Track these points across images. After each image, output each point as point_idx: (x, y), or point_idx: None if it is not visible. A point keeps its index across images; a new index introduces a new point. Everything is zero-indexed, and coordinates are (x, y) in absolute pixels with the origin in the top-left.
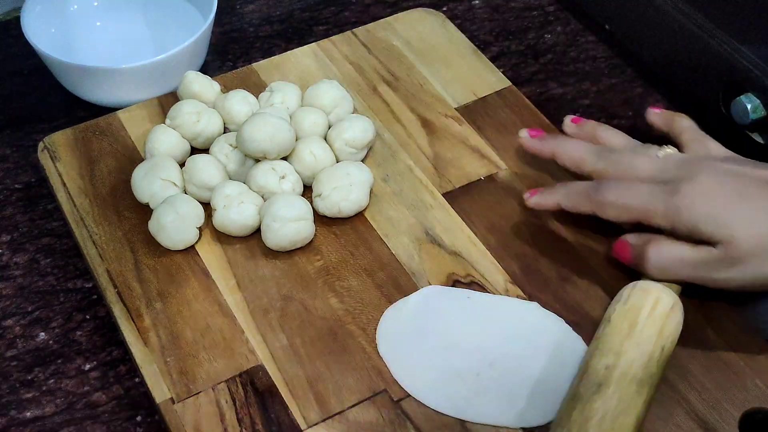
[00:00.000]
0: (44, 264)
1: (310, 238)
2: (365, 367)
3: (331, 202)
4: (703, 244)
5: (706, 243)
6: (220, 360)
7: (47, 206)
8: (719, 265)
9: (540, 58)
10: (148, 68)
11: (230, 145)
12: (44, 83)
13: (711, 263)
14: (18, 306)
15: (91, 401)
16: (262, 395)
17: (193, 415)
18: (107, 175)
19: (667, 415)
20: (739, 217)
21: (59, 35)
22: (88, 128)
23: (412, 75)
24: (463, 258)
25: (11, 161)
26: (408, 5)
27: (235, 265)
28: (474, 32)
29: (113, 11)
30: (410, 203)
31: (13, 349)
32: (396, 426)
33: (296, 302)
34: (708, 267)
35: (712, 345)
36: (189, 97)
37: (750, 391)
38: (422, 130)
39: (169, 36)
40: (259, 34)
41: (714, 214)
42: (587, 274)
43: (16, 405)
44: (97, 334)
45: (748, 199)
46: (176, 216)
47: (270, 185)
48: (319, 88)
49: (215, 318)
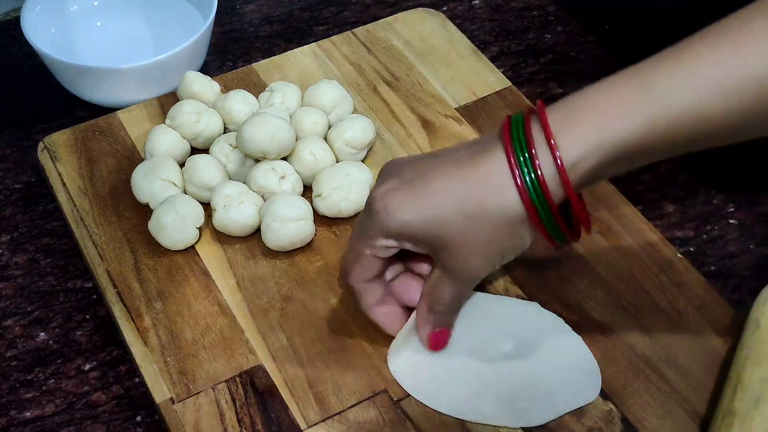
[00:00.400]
0: (44, 264)
1: (310, 238)
2: (365, 367)
3: (331, 202)
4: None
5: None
6: (220, 360)
7: (47, 206)
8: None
9: (540, 58)
10: (148, 68)
11: (230, 145)
12: (44, 83)
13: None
14: (18, 306)
15: (91, 401)
16: (262, 395)
17: (193, 415)
18: (107, 175)
19: (667, 415)
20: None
21: (59, 35)
22: (88, 128)
23: (412, 75)
24: None
25: (11, 161)
26: (408, 5)
27: (235, 265)
28: (474, 32)
29: (113, 11)
30: None
31: (13, 349)
32: (396, 426)
33: (296, 302)
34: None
35: (712, 345)
36: (189, 97)
37: None
38: (422, 130)
39: (169, 36)
40: (259, 34)
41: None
42: (587, 274)
43: (16, 405)
44: (97, 334)
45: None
46: (176, 216)
47: (270, 185)
48: (319, 88)
49: (215, 318)
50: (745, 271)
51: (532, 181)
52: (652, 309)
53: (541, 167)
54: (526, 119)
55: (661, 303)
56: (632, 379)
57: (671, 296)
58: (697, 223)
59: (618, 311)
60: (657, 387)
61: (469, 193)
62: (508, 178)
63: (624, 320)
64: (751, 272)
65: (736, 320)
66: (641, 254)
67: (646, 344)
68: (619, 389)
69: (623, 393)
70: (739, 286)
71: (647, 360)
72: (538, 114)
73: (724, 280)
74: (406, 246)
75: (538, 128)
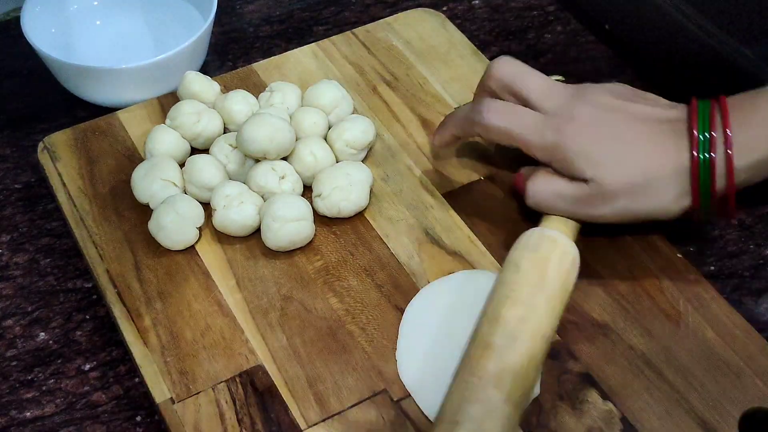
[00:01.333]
0: (44, 264)
1: (309, 238)
2: (365, 367)
3: (331, 202)
4: (579, 181)
5: (581, 180)
6: (220, 360)
7: (47, 206)
8: (591, 201)
9: (540, 58)
10: (148, 68)
11: (230, 145)
12: (44, 83)
13: (584, 199)
14: (18, 306)
15: (91, 401)
16: (262, 395)
17: (193, 415)
18: (107, 175)
19: (666, 415)
20: (607, 157)
21: (59, 35)
22: (88, 128)
23: (412, 75)
24: (463, 258)
25: (11, 161)
26: (408, 5)
27: (235, 265)
28: (474, 32)
29: (113, 11)
30: (410, 203)
31: (13, 349)
32: (396, 426)
33: (296, 302)
34: (581, 202)
35: (712, 345)
36: (189, 97)
37: (750, 391)
38: (422, 130)
39: (169, 36)
40: (259, 34)
41: (585, 152)
42: (587, 274)
43: (16, 405)
44: (96, 334)
45: (617, 139)
46: (176, 216)
47: (270, 185)
48: (319, 89)
49: (215, 318)
50: (745, 271)
51: (705, 160)
52: (652, 309)
53: (715, 150)
54: (711, 106)
55: (661, 303)
56: (632, 379)
57: (671, 296)
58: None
59: (618, 311)
60: (657, 387)
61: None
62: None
63: (624, 320)
64: (751, 272)
65: (736, 321)
66: (641, 254)
67: (646, 344)
68: (619, 389)
69: (623, 393)
70: (739, 286)
71: (647, 360)
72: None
73: (724, 280)
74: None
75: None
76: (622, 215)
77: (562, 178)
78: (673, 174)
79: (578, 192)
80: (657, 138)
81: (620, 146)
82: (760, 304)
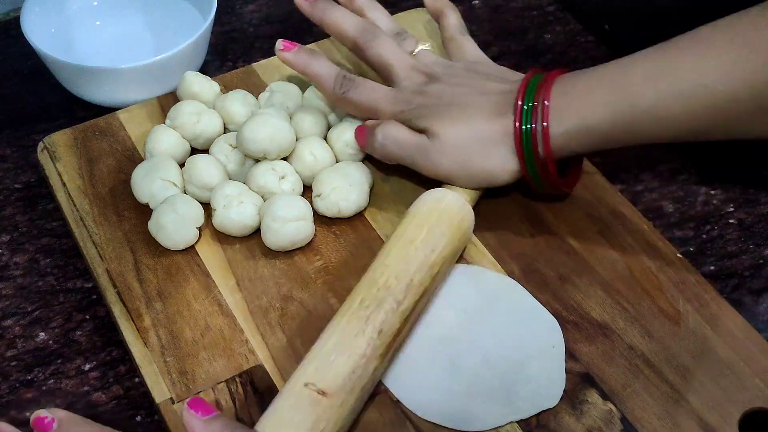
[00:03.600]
0: (44, 264)
1: (309, 238)
2: None
3: (330, 202)
4: (420, 133)
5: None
6: (219, 360)
7: (47, 206)
8: (430, 151)
9: (540, 58)
10: (148, 68)
11: (230, 145)
12: (44, 83)
13: (423, 148)
14: (18, 306)
15: (91, 401)
16: (261, 395)
17: None
18: (107, 175)
19: (666, 415)
20: (445, 115)
21: (59, 35)
22: (87, 128)
23: None
24: (463, 258)
25: (11, 161)
26: (408, 5)
27: (235, 265)
28: (474, 32)
29: (113, 11)
30: (410, 203)
31: (13, 349)
32: (396, 426)
33: (296, 302)
34: (421, 152)
35: (712, 345)
36: (189, 97)
37: (750, 391)
38: None
39: (169, 36)
40: (259, 34)
41: (428, 109)
42: (587, 274)
43: (16, 405)
44: (96, 334)
45: (457, 105)
46: (176, 216)
47: (270, 185)
48: None
49: (215, 318)
50: (745, 271)
51: (526, 128)
52: (652, 309)
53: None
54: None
55: (661, 303)
56: (632, 379)
57: (671, 296)
58: (697, 222)
59: (618, 311)
60: (657, 387)
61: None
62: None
63: (624, 320)
64: (751, 272)
65: (736, 321)
66: (641, 254)
67: (646, 344)
68: (619, 389)
69: (623, 393)
70: (739, 286)
71: (647, 360)
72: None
73: (724, 280)
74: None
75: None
76: (458, 171)
77: (407, 129)
78: (501, 138)
79: (420, 141)
80: (492, 107)
81: (458, 110)
82: (760, 304)
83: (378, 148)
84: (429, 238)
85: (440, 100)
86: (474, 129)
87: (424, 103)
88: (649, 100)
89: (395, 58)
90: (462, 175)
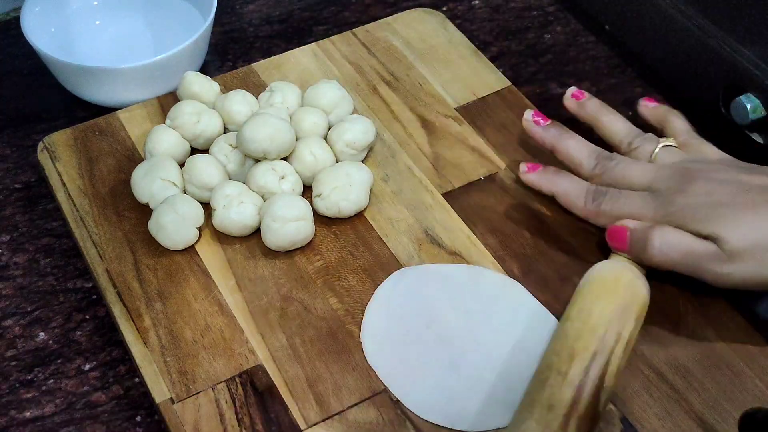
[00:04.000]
0: (44, 264)
1: (309, 238)
2: (365, 367)
3: (330, 202)
4: (704, 238)
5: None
6: (219, 360)
7: (47, 206)
8: (718, 259)
9: (540, 58)
10: (148, 68)
11: (230, 145)
12: (44, 83)
13: (711, 256)
14: (18, 306)
15: (90, 401)
16: (261, 395)
17: (192, 415)
18: (107, 175)
19: (666, 415)
20: (726, 216)
21: (59, 35)
22: (87, 128)
23: (412, 75)
24: (463, 258)
25: (11, 161)
26: (408, 5)
27: (235, 265)
28: (474, 32)
29: (113, 11)
30: (410, 203)
31: (13, 349)
32: (396, 426)
33: (296, 302)
34: (709, 259)
35: (712, 345)
36: (189, 97)
37: (750, 391)
38: (422, 130)
39: (169, 36)
40: (259, 34)
41: (701, 216)
42: None
43: (16, 405)
44: (96, 334)
45: (738, 202)
46: (176, 216)
47: (270, 185)
48: (319, 89)
49: (215, 318)
50: None
51: None
52: (652, 309)
53: None
54: None
55: (661, 303)
56: (632, 379)
57: (671, 296)
58: None
59: None
60: (657, 387)
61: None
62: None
63: None
64: None
65: (736, 321)
66: None
67: (646, 344)
68: (619, 389)
69: (623, 393)
70: None
71: (647, 360)
72: None
73: None
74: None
75: None
76: (750, 280)
77: (688, 234)
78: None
79: (706, 248)
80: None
81: (738, 208)
82: (760, 304)
83: (656, 255)
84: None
85: (710, 198)
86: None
87: (692, 204)
88: None
89: (638, 174)
90: (762, 283)
